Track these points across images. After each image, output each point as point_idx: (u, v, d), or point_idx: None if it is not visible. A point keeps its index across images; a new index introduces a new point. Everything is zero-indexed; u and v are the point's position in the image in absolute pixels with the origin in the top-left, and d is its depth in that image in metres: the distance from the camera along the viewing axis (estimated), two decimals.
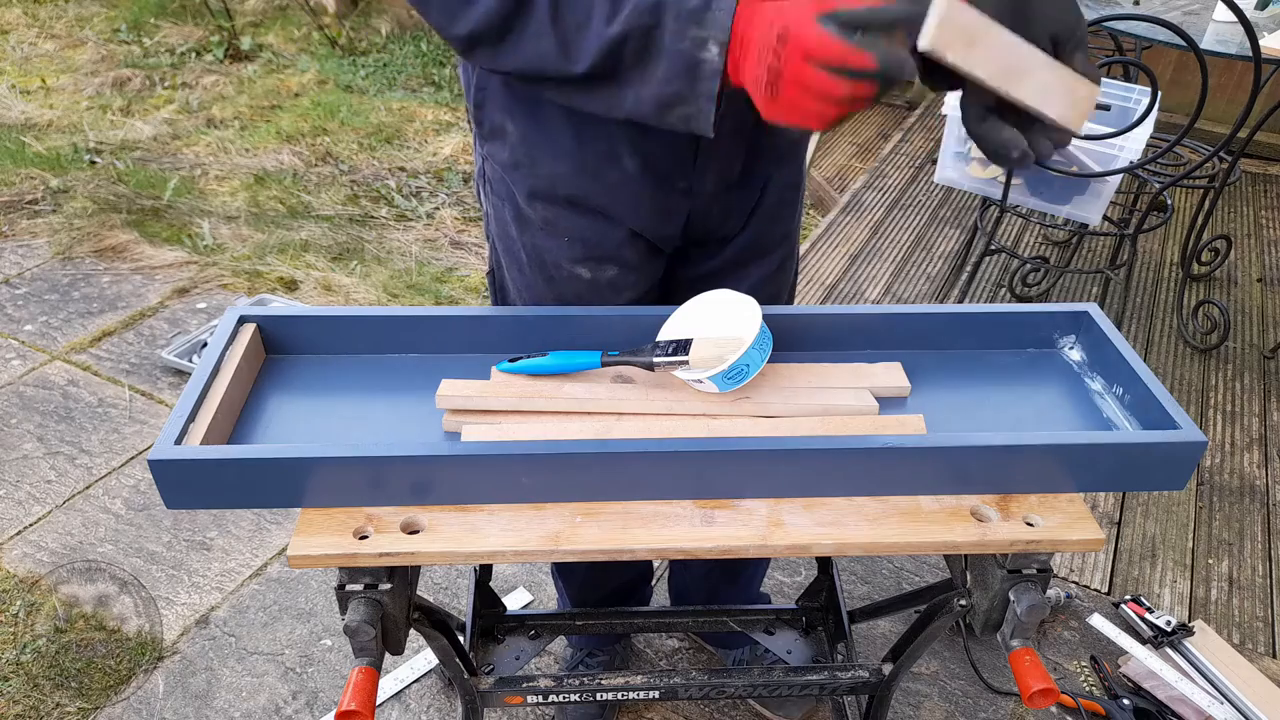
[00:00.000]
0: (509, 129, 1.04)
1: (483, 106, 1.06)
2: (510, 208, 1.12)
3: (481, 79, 1.03)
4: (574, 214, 1.08)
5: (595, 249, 1.11)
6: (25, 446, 2.25)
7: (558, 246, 1.11)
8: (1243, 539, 2.08)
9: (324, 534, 0.86)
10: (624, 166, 1.03)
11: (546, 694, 1.31)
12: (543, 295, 1.17)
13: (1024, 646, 0.97)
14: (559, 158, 1.03)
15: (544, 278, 1.15)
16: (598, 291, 1.15)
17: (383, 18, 4.86)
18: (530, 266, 1.15)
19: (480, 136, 1.10)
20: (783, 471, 0.89)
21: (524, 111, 1.02)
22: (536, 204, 1.08)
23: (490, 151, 1.10)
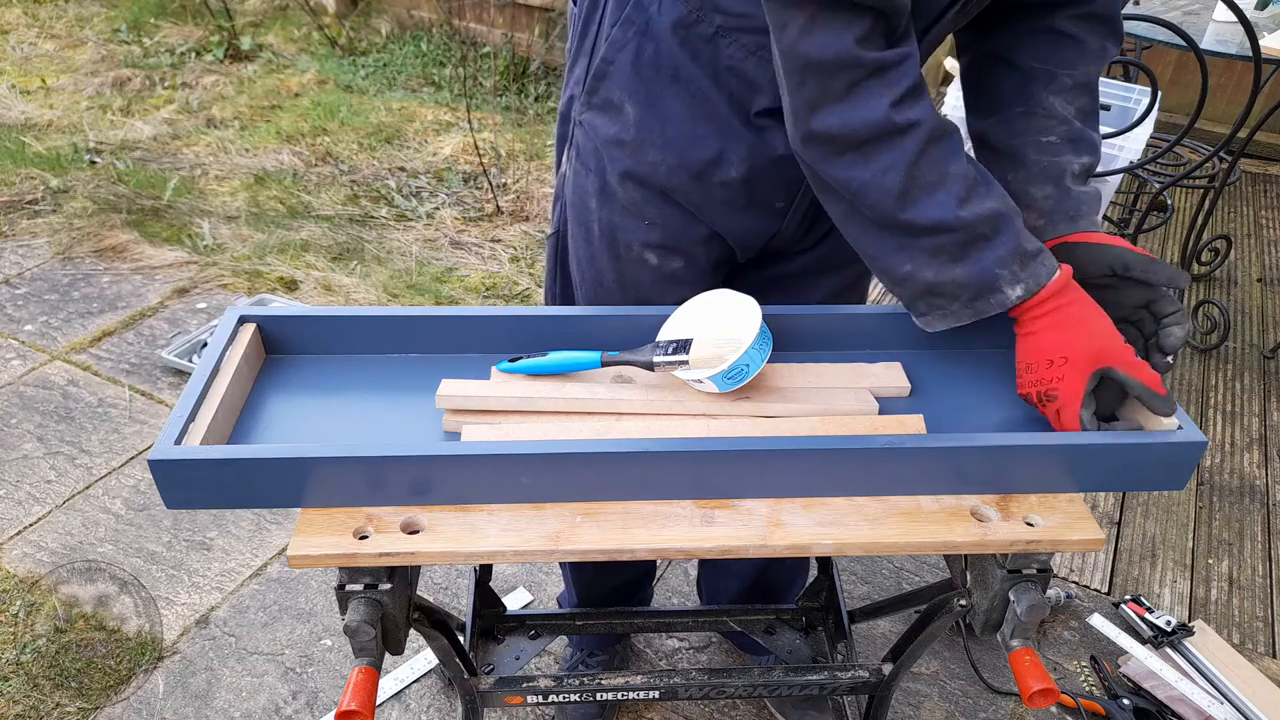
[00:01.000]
0: (627, 108, 1.04)
1: (604, 78, 1.05)
2: (596, 180, 1.11)
3: (610, 52, 1.03)
4: (663, 203, 1.08)
5: (672, 239, 1.11)
6: (25, 446, 2.25)
7: (635, 228, 1.11)
8: (1243, 539, 2.08)
9: (324, 534, 0.86)
10: (729, 175, 1.04)
11: (546, 694, 1.31)
12: (603, 270, 1.17)
13: (1024, 646, 0.97)
14: (668, 149, 1.04)
15: (611, 255, 1.15)
16: (659, 280, 1.15)
17: (383, 18, 4.86)
18: (600, 240, 1.15)
19: (587, 104, 1.09)
20: (783, 471, 0.89)
21: (647, 97, 1.03)
22: (629, 184, 1.08)
23: (593, 121, 1.09)
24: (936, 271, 0.87)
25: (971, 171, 0.86)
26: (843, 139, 0.84)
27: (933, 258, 0.87)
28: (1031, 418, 1.00)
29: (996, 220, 0.85)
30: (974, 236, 0.85)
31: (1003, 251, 0.85)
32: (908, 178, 0.84)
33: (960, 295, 0.88)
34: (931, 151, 0.84)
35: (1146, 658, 1.77)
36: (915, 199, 0.85)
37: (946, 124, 0.85)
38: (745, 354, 0.92)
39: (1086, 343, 0.87)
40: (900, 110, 0.82)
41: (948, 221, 0.85)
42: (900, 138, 0.83)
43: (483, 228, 3.24)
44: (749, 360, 0.93)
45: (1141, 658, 1.77)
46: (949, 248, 0.86)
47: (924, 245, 0.87)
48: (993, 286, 0.87)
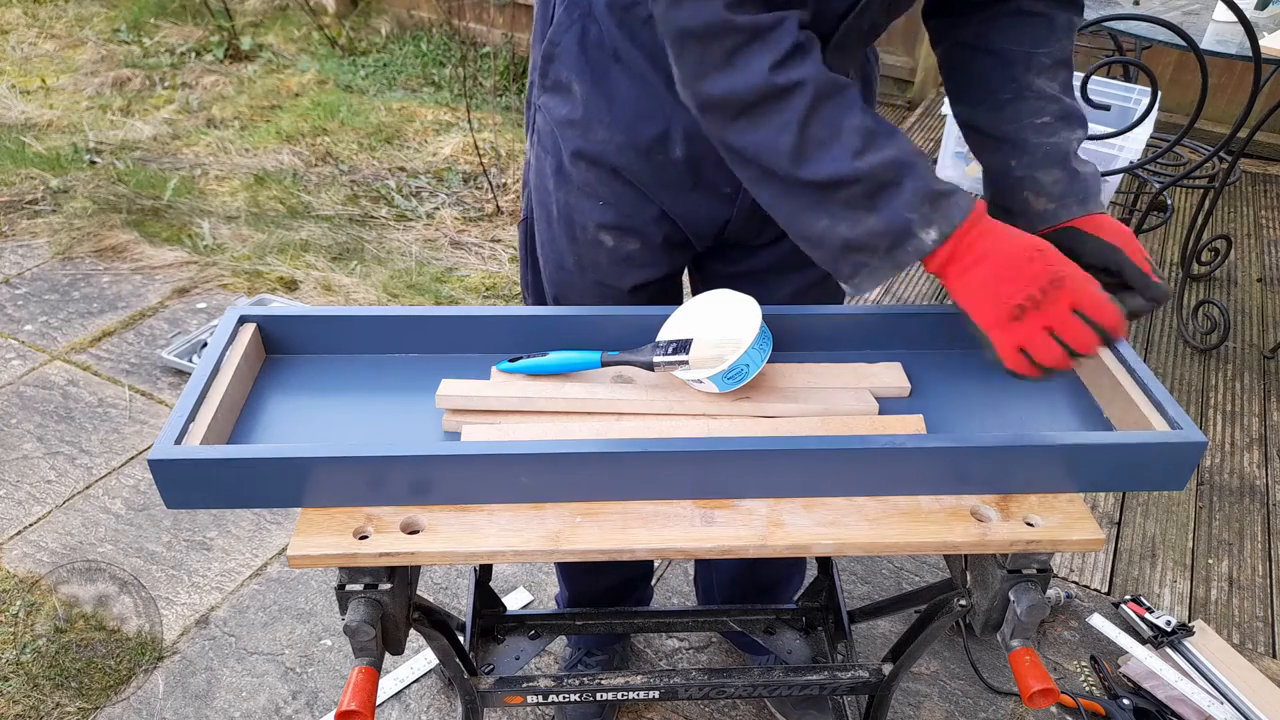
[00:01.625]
0: (574, 88, 1.05)
1: (552, 60, 1.06)
2: (553, 161, 1.12)
3: (556, 34, 1.04)
4: (614, 182, 1.09)
5: (625, 220, 1.12)
6: (25, 446, 2.25)
7: (590, 209, 1.12)
8: (1243, 539, 2.08)
9: (324, 534, 0.86)
10: (673, 154, 1.05)
11: (546, 694, 1.31)
12: (563, 252, 1.18)
13: (1024, 646, 0.97)
14: (615, 127, 1.05)
15: (569, 236, 1.16)
16: (615, 263, 1.15)
17: (383, 18, 4.86)
18: (559, 222, 1.16)
19: (541, 86, 1.10)
20: (783, 471, 0.89)
21: (593, 76, 1.04)
22: (580, 164, 1.09)
23: (547, 104, 1.10)
24: (851, 225, 0.86)
25: (869, 123, 0.84)
26: (730, 104, 0.84)
27: (846, 210, 0.86)
28: (1032, 418, 1.00)
29: (898, 167, 0.84)
30: (878, 185, 0.84)
31: (909, 196, 0.83)
32: (800, 137, 0.83)
33: (878, 246, 0.86)
34: (821, 109, 0.83)
35: (1146, 658, 1.77)
36: (810, 156, 0.84)
37: (837, 81, 0.84)
38: (745, 354, 0.92)
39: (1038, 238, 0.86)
40: (782, 71, 0.82)
41: (847, 174, 0.83)
42: (787, 98, 0.82)
43: (482, 228, 3.24)
44: (749, 360, 0.93)
45: (1141, 658, 1.77)
46: (857, 199, 0.85)
47: (833, 200, 0.86)
48: (907, 231, 0.84)
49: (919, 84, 4.20)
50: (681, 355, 0.95)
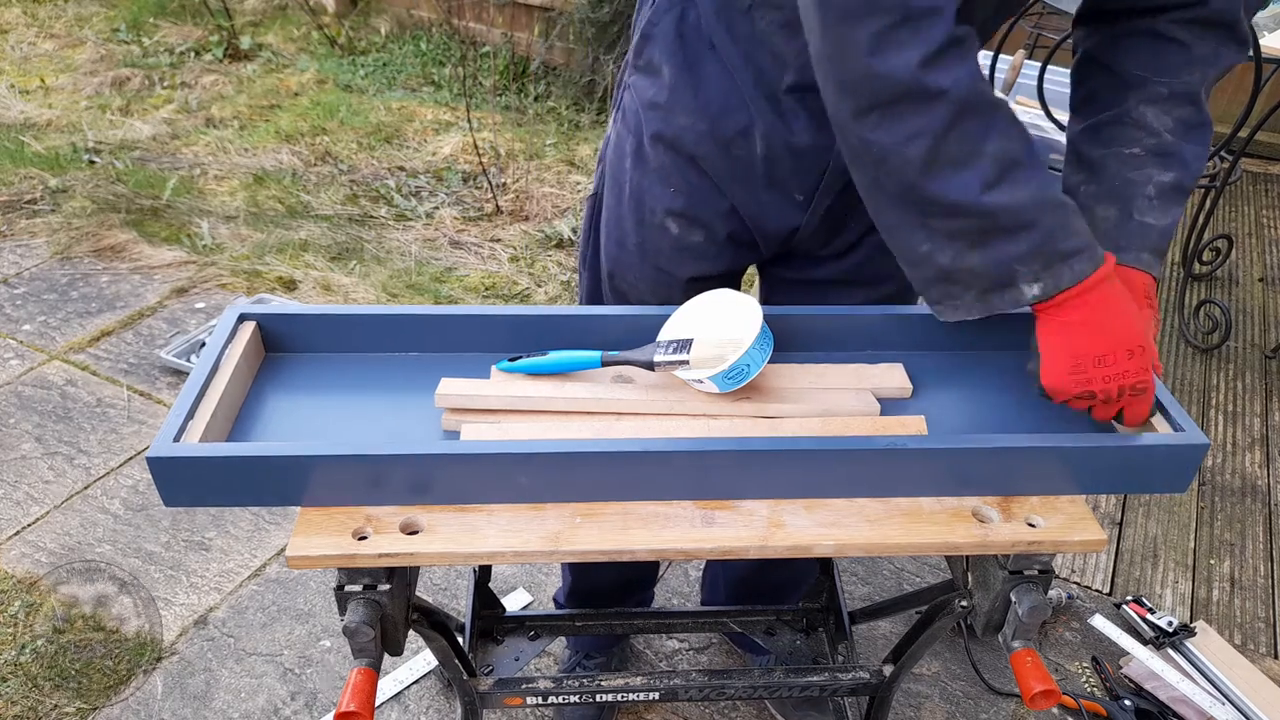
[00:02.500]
0: (664, 71, 1.05)
1: (649, 40, 1.06)
2: (633, 141, 1.12)
3: (656, 15, 1.05)
4: (689, 170, 1.09)
5: (694, 209, 1.11)
6: (23, 446, 2.25)
7: (661, 194, 1.12)
8: (1244, 539, 2.08)
9: (323, 534, 0.86)
10: (752, 147, 1.04)
11: (546, 695, 1.30)
12: (627, 233, 1.17)
13: (1025, 647, 0.97)
14: (698, 115, 1.04)
15: (636, 218, 1.15)
16: (677, 251, 1.15)
17: (382, 17, 4.85)
18: (629, 202, 1.15)
19: (634, 66, 1.11)
20: (783, 472, 0.88)
21: (685, 62, 1.03)
22: (659, 147, 1.09)
23: (636, 84, 1.10)
24: (953, 256, 0.82)
25: (1013, 153, 0.78)
26: (867, 95, 0.77)
27: (950, 241, 0.82)
28: (1038, 418, 0.99)
29: (1024, 213, 0.79)
30: (995, 226, 0.79)
31: (1025, 248, 0.79)
32: (933, 151, 0.77)
33: (974, 285, 0.83)
34: (964, 125, 0.77)
35: (1148, 658, 1.77)
36: (938, 174, 0.78)
37: (989, 96, 0.78)
38: (745, 354, 0.92)
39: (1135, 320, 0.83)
40: (932, 71, 0.74)
41: (968, 205, 0.79)
42: (930, 103, 0.76)
43: (482, 227, 3.24)
44: (749, 361, 0.93)
45: (1143, 658, 1.77)
46: (968, 233, 0.81)
47: (943, 226, 0.82)
48: (1009, 281, 0.82)
49: None
50: (682, 355, 0.95)
